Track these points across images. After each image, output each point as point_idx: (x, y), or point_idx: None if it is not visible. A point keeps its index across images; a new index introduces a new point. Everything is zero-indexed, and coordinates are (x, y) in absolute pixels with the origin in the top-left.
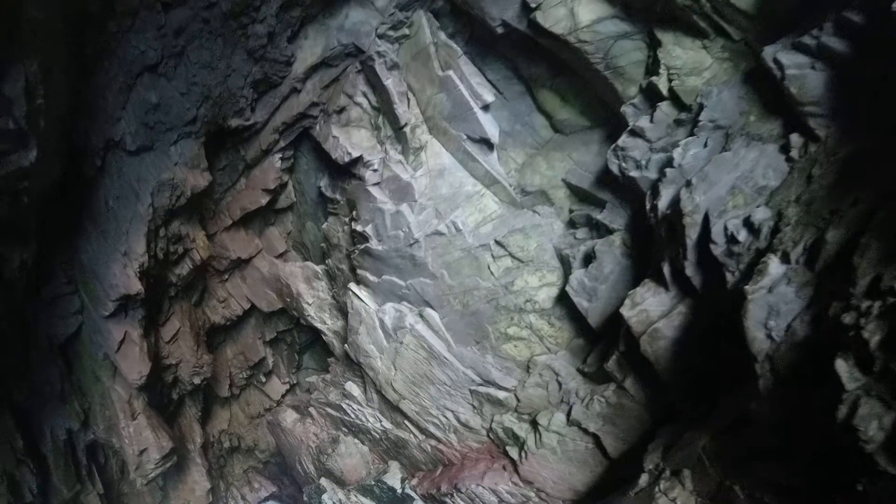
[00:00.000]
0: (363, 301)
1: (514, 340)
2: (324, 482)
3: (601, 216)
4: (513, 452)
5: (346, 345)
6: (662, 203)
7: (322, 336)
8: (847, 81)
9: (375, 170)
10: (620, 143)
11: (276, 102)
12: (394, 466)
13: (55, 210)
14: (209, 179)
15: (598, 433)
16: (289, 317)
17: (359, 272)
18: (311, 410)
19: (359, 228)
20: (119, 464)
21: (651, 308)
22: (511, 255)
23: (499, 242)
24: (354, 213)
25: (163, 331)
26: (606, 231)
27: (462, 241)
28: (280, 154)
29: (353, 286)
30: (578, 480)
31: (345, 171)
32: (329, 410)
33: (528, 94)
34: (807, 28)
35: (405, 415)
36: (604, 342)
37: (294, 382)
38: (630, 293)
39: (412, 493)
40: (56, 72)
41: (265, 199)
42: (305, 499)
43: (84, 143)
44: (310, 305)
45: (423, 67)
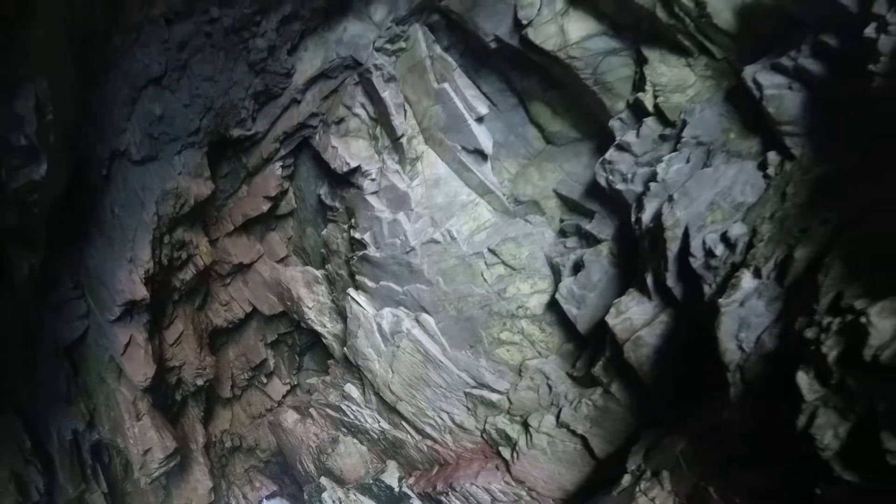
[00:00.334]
0: (361, 306)
1: (507, 345)
2: (324, 481)
3: (590, 226)
4: (505, 453)
5: (346, 348)
6: (646, 216)
7: (322, 339)
8: (822, 102)
9: (373, 179)
10: (608, 157)
11: (277, 113)
12: (391, 466)
13: (62, 218)
14: (212, 188)
15: (586, 435)
16: (289, 320)
17: (357, 278)
18: (312, 411)
19: (357, 236)
20: (123, 463)
21: (635, 317)
22: (504, 263)
23: (492, 250)
24: (353, 221)
25: (167, 334)
26: (595, 241)
27: (457, 249)
28: (281, 162)
29: (352, 291)
30: (567, 480)
31: (343, 180)
32: (329, 411)
33: (522, 107)
34: (786, 49)
35: (402, 416)
36: (591, 348)
37: (294, 383)
38: (615, 302)
39: (409, 492)
40: (64, 88)
41: (266, 206)
42: (306, 497)
43: (90, 153)
44: (310, 309)
45: (420, 80)
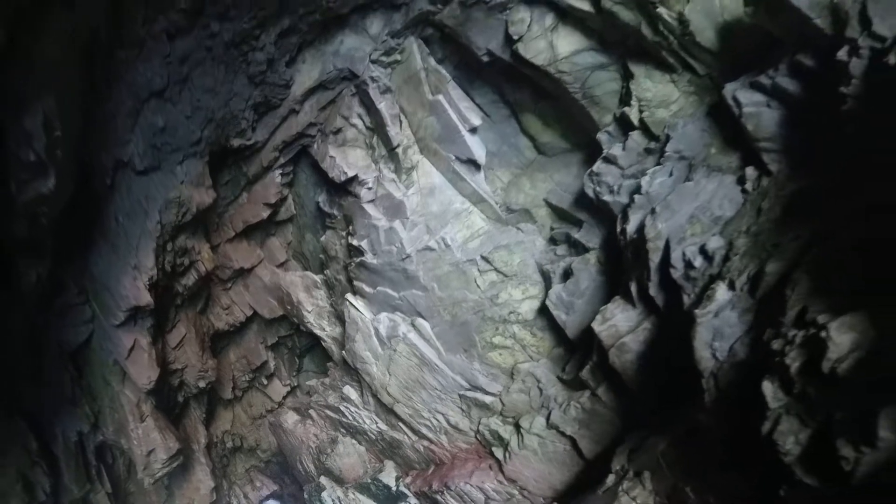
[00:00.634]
0: (359, 311)
1: (500, 349)
2: (323, 480)
3: (578, 235)
4: (498, 453)
5: (344, 351)
6: (631, 227)
7: (321, 342)
8: (798, 120)
9: (370, 188)
10: (595, 169)
11: (276, 123)
12: (389, 465)
13: (68, 226)
14: (213, 196)
15: (575, 436)
16: (289, 323)
17: (355, 283)
18: (311, 412)
19: (355, 243)
20: (126, 464)
21: (620, 323)
22: (496, 270)
23: (485, 258)
24: (351, 228)
25: (169, 337)
26: (583, 249)
27: (451, 256)
28: (280, 170)
29: (350, 297)
30: (557, 479)
31: (341, 188)
32: (328, 412)
33: (514, 118)
34: (764, 67)
35: (399, 417)
36: (580, 352)
37: (294, 385)
38: (602, 309)
39: (406, 491)
40: (70, 103)
41: (266, 213)
42: (306, 496)
43: (94, 163)
44: (309, 313)
45: (415, 92)
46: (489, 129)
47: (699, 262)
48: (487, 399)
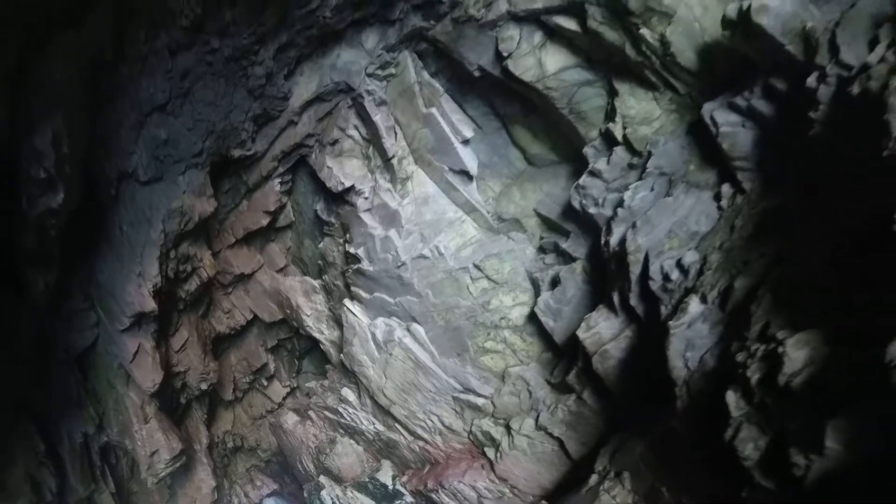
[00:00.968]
0: (356, 316)
1: (491, 353)
2: (322, 479)
3: (566, 245)
4: (490, 453)
5: (342, 355)
6: (614, 240)
7: (320, 345)
8: (771, 141)
9: (366, 197)
10: (581, 182)
11: (275, 134)
12: (386, 465)
13: (74, 235)
14: (214, 205)
15: (562, 437)
16: (289, 326)
17: (352, 289)
18: (311, 413)
19: (352, 250)
20: (129, 464)
21: (603, 331)
22: (487, 278)
23: (477, 266)
24: (348, 236)
25: (172, 341)
26: (570, 259)
27: (444, 264)
28: (279, 179)
29: (348, 302)
30: (546, 479)
31: (338, 198)
32: (327, 413)
33: (504, 130)
34: (741, 89)
35: (396, 418)
36: (567, 357)
37: (294, 386)
38: (586, 317)
39: (402, 490)
40: (77, 120)
41: (266, 220)
42: (306, 495)
43: (99, 175)
44: (308, 317)
45: (409, 104)
46: (481, 141)
47: (676, 276)
48: (480, 401)
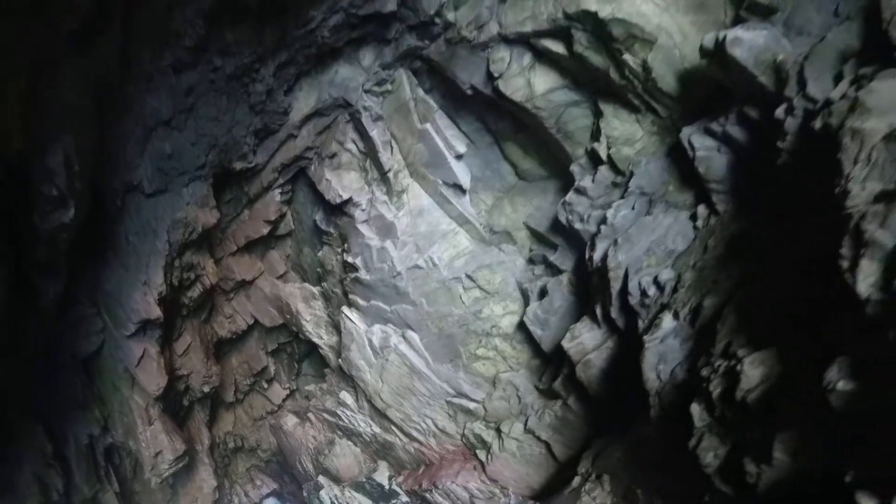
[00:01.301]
0: (354, 322)
1: (483, 360)
2: (321, 479)
3: (553, 258)
4: (481, 455)
5: (340, 360)
6: (597, 255)
7: (319, 349)
8: (744, 166)
9: (363, 209)
10: (568, 199)
11: (275, 147)
12: (382, 466)
13: (81, 246)
14: (217, 216)
15: (549, 441)
16: (289, 331)
17: (350, 296)
18: (310, 416)
19: (349, 260)
20: (132, 464)
21: (586, 342)
22: (479, 287)
23: (469, 276)
24: (346, 246)
25: (176, 345)
26: (557, 271)
27: (438, 274)
28: (279, 189)
29: (346, 309)
30: (534, 480)
31: (337, 209)
32: (326, 416)
33: (496, 145)
34: (718, 115)
35: (392, 421)
36: (554, 365)
37: (294, 388)
38: (571, 327)
39: (398, 489)
40: (86, 138)
41: (266, 229)
42: (305, 495)
43: (106, 187)
44: (308, 322)
45: (404, 120)
46: (474, 155)
47: (652, 292)
48: (472, 405)
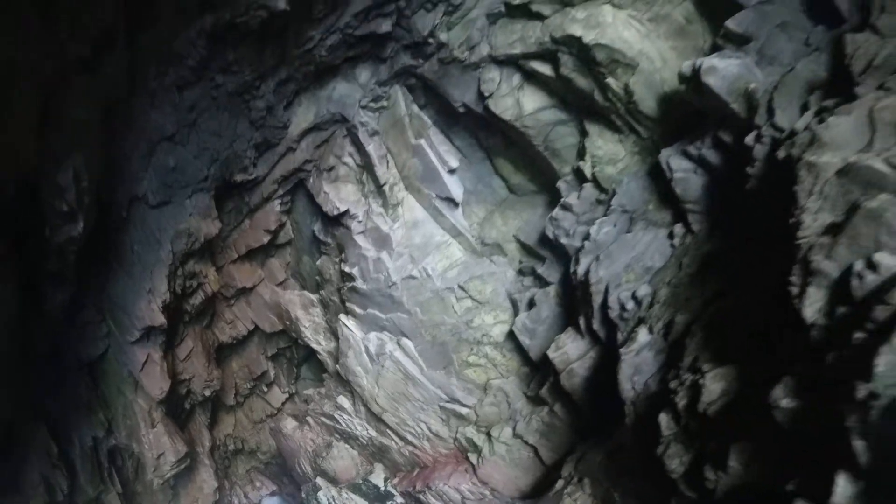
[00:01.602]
0: (351, 330)
1: (474, 367)
2: (319, 481)
3: (541, 270)
4: (473, 458)
5: (338, 365)
6: (580, 270)
7: (317, 354)
8: (718, 189)
9: (360, 221)
10: (555, 214)
11: (275, 159)
12: (378, 468)
13: (88, 255)
14: (219, 227)
15: (537, 445)
16: (288, 336)
17: (347, 304)
18: (309, 419)
19: (347, 269)
20: (135, 465)
21: (570, 352)
22: (471, 298)
23: (461, 286)
24: (343, 256)
25: (178, 350)
26: (545, 283)
27: (431, 285)
28: (279, 200)
29: (343, 317)
30: (523, 482)
31: (334, 220)
32: (324, 419)
33: (488, 160)
34: (695, 138)
35: (387, 425)
36: (541, 373)
37: (293, 391)
38: (556, 338)
39: (393, 491)
40: (94, 154)
41: (266, 238)
42: (303, 496)
43: (112, 199)
44: (306, 328)
45: (400, 135)
46: (467, 170)
47: (630, 306)
48: (464, 410)
